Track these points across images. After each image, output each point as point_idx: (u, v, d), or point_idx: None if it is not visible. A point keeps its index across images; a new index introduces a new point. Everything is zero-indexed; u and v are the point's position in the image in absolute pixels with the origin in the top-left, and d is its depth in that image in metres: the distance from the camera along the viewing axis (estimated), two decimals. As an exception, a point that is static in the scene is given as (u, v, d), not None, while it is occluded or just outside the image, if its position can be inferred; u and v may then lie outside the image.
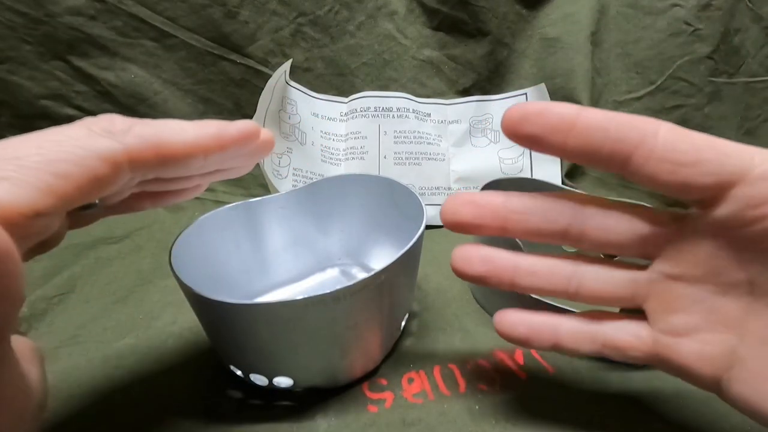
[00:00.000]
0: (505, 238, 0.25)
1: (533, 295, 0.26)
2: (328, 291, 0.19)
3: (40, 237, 0.13)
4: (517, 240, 0.25)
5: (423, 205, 0.25)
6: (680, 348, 0.17)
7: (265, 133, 0.19)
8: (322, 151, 0.43)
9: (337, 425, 0.21)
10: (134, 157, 0.14)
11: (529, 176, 0.43)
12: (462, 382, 0.24)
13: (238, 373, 0.23)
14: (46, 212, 0.12)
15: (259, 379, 0.22)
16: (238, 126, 0.17)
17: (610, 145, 0.15)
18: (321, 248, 0.32)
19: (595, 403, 0.23)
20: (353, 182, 0.30)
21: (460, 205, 0.18)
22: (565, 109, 0.16)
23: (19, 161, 0.12)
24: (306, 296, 0.18)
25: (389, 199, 0.29)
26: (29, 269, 0.21)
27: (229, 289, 0.27)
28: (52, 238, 0.15)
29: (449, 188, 0.44)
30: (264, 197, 0.28)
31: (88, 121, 0.14)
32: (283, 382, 0.22)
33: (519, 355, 0.26)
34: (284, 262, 0.30)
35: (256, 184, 0.44)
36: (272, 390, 0.23)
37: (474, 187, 0.44)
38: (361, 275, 0.27)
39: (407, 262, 0.23)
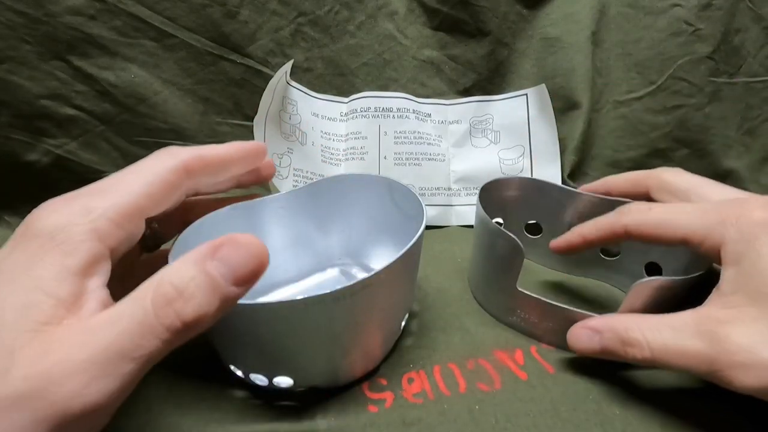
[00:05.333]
0: (505, 238, 0.26)
1: (533, 295, 0.26)
2: (328, 291, 0.19)
3: (133, 241, 0.19)
4: (517, 240, 0.25)
5: (423, 205, 0.25)
6: None
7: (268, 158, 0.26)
8: (322, 151, 0.43)
9: (337, 425, 0.21)
10: (188, 166, 0.21)
11: (529, 176, 0.43)
12: (462, 382, 0.24)
13: (238, 373, 0.23)
14: (148, 208, 0.19)
15: (259, 379, 0.22)
16: (252, 142, 0.24)
17: None
18: (321, 248, 0.32)
19: (595, 403, 0.23)
20: (353, 182, 0.30)
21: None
22: None
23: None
24: (306, 296, 0.18)
25: (389, 199, 0.29)
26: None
27: (229, 289, 0.26)
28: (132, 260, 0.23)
29: (449, 188, 0.44)
30: (264, 197, 0.28)
31: (155, 153, 0.21)
32: (283, 382, 0.22)
33: (519, 355, 0.26)
34: (284, 262, 0.30)
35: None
36: (272, 390, 0.23)
37: (474, 188, 0.44)
38: (361, 275, 0.27)
39: (407, 262, 0.23)
